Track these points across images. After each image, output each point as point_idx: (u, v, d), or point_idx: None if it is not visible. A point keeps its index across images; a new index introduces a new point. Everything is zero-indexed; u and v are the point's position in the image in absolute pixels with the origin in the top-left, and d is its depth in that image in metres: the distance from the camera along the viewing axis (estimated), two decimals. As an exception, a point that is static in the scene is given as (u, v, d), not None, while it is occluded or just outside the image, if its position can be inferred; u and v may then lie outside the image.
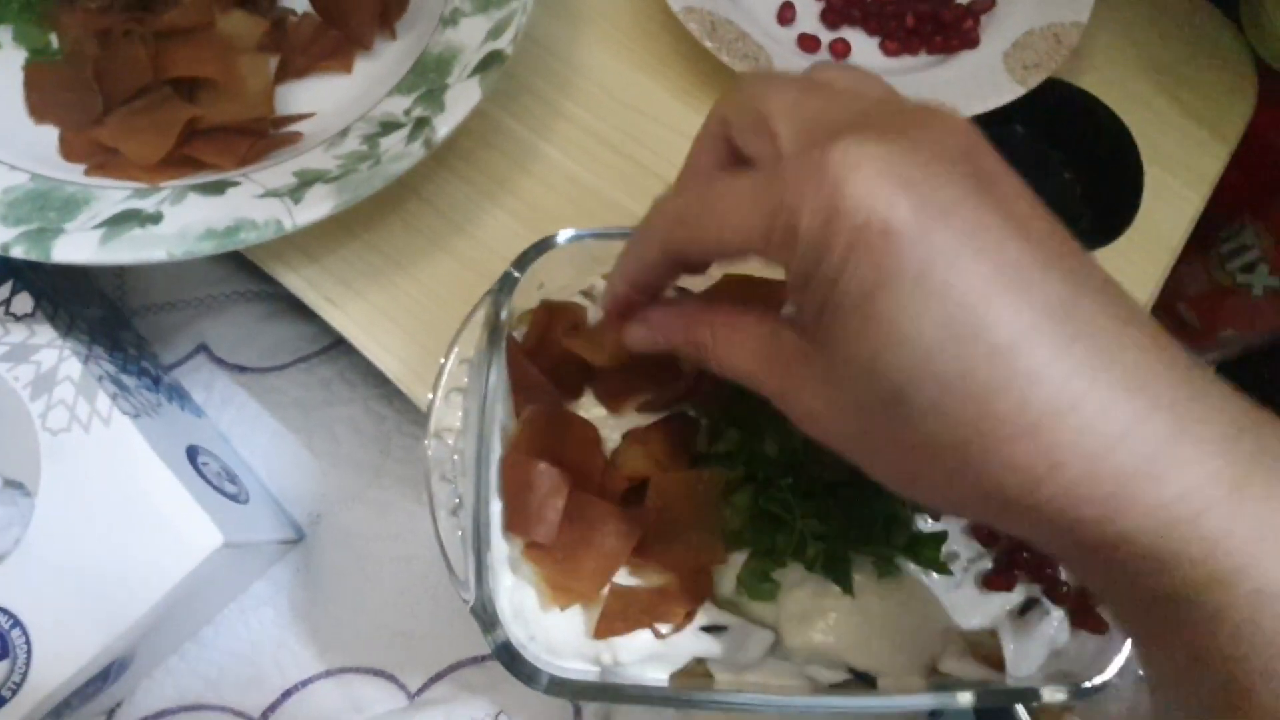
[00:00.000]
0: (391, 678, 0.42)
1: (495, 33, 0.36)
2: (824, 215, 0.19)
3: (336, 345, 0.47)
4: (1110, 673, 0.28)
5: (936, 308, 0.18)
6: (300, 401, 0.45)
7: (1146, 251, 0.43)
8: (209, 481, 0.38)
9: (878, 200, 0.18)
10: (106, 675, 0.37)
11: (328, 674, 0.42)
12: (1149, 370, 0.19)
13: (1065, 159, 0.48)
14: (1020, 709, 0.38)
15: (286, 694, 0.42)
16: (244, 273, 0.48)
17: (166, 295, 0.47)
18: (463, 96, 0.35)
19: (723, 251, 0.22)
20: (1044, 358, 0.18)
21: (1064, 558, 0.22)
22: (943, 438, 0.19)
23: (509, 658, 0.27)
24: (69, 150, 0.36)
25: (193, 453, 0.39)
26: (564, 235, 0.32)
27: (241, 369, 0.46)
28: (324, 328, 0.47)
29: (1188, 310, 0.56)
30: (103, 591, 0.35)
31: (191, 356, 0.46)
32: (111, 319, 0.44)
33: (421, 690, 0.43)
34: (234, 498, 0.40)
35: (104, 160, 0.35)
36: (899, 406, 0.19)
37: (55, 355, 0.37)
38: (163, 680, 0.42)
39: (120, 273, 0.47)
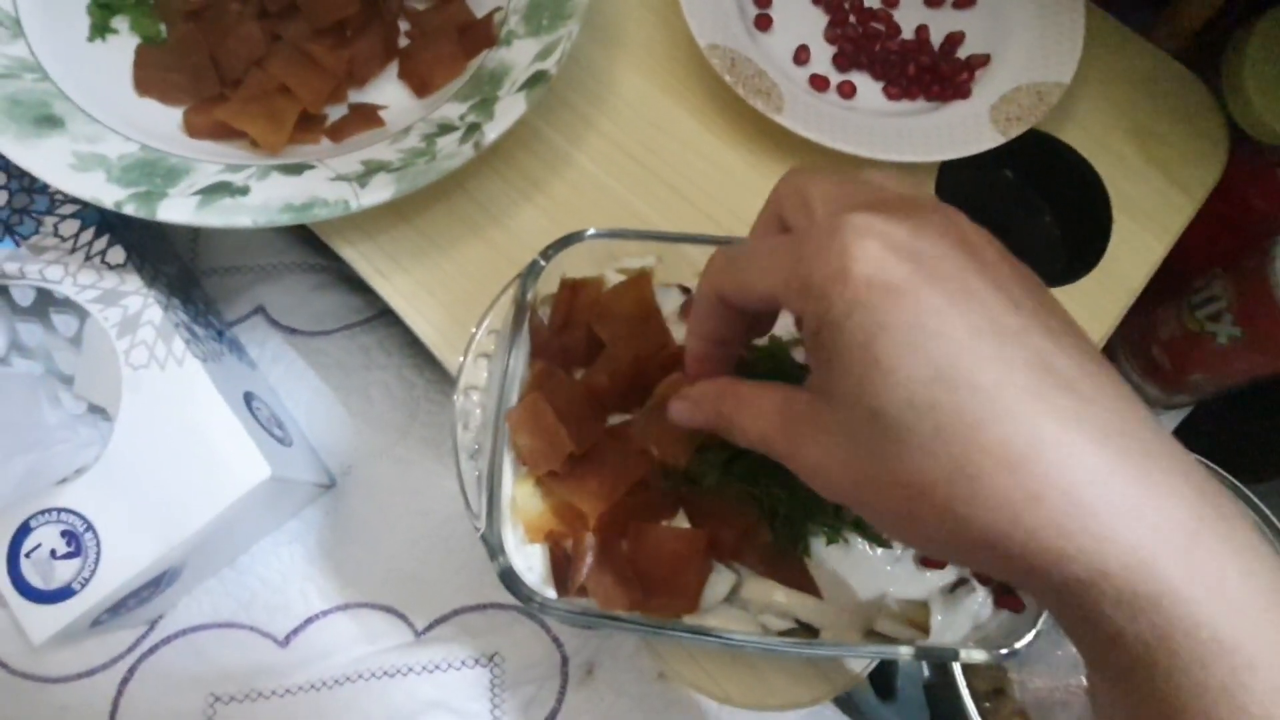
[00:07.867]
0: (402, 616, 0.47)
1: (543, 55, 0.42)
2: (835, 271, 0.22)
3: (378, 317, 0.52)
4: (1022, 644, 0.32)
5: (929, 351, 0.21)
6: (342, 364, 0.50)
7: (1109, 291, 0.48)
8: (260, 424, 0.44)
9: (881, 263, 0.21)
10: (159, 582, 0.42)
11: (345, 607, 0.47)
12: (1118, 422, 0.21)
13: (1047, 203, 0.53)
14: (958, 673, 0.43)
15: (308, 620, 0.46)
16: (301, 246, 0.53)
17: (232, 260, 0.52)
18: (510, 108, 0.40)
19: (756, 295, 0.25)
20: (1024, 400, 0.20)
21: (1042, 598, 0.23)
22: (933, 473, 0.21)
23: (510, 580, 0.32)
24: (192, 128, 0.42)
25: (248, 398, 0.45)
26: (587, 233, 0.38)
27: (292, 331, 0.51)
28: (369, 300, 0.52)
29: (1160, 353, 0.60)
30: (165, 507, 0.39)
31: (250, 316, 0.51)
32: (185, 277, 0.50)
33: (427, 629, 0.47)
34: (280, 440, 0.45)
35: (226, 135, 0.41)
36: (894, 444, 0.21)
37: (140, 301, 0.42)
38: (201, 599, 0.46)
39: (194, 237, 0.53)
